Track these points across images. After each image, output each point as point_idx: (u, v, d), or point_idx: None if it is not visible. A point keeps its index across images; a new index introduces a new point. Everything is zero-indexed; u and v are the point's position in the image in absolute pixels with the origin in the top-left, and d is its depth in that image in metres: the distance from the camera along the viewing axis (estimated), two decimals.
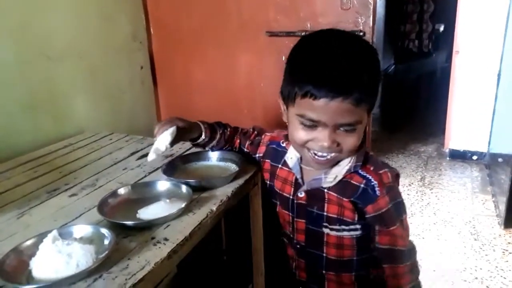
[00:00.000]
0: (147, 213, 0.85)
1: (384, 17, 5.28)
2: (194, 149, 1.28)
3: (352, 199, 0.79)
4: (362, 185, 0.79)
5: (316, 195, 0.83)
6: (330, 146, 0.73)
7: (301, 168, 0.86)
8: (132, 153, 1.28)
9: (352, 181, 0.80)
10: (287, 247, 0.96)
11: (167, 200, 0.88)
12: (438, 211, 2.37)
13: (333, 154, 0.76)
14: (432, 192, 2.59)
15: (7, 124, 1.34)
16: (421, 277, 0.85)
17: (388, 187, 0.78)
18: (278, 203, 0.93)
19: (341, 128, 0.73)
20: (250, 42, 1.80)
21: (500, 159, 2.79)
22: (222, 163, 1.10)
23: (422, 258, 1.93)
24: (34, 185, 1.08)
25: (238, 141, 1.08)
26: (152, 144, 1.34)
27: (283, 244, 0.97)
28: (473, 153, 2.99)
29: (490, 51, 2.74)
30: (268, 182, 0.95)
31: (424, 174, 2.86)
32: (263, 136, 1.01)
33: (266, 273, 1.25)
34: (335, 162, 0.80)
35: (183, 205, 0.85)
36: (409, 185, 2.70)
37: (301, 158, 0.85)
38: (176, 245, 0.76)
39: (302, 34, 1.64)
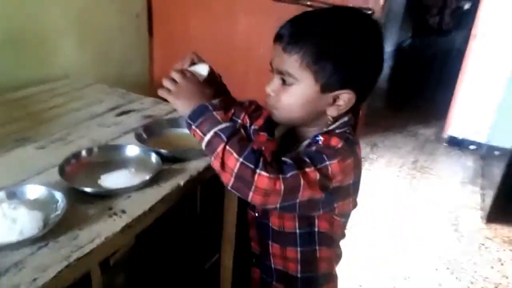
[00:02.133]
0: (109, 180, 0.81)
1: None
2: (176, 114, 1.23)
3: None
4: (309, 141, 0.77)
5: None
6: (268, 92, 0.77)
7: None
8: (112, 109, 1.23)
9: None
10: None
11: (133, 170, 0.85)
12: (424, 196, 2.36)
13: (271, 105, 0.78)
14: (422, 177, 2.57)
15: None
16: (399, 260, 0.81)
17: (329, 146, 0.71)
18: None
19: (281, 79, 0.75)
20: (253, 5, 1.69)
21: (496, 152, 2.74)
22: None
23: (398, 241, 1.94)
24: (3, 130, 1.04)
25: (232, 111, 1.01)
26: (134, 101, 1.30)
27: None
28: (471, 142, 2.93)
29: (509, 42, 2.61)
30: None
31: (417, 157, 2.82)
32: (263, 111, 0.97)
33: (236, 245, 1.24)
34: (283, 120, 0.81)
35: (147, 177, 0.81)
36: (401, 166, 2.67)
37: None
38: (132, 220, 0.73)
39: (308, 3, 1.53)
